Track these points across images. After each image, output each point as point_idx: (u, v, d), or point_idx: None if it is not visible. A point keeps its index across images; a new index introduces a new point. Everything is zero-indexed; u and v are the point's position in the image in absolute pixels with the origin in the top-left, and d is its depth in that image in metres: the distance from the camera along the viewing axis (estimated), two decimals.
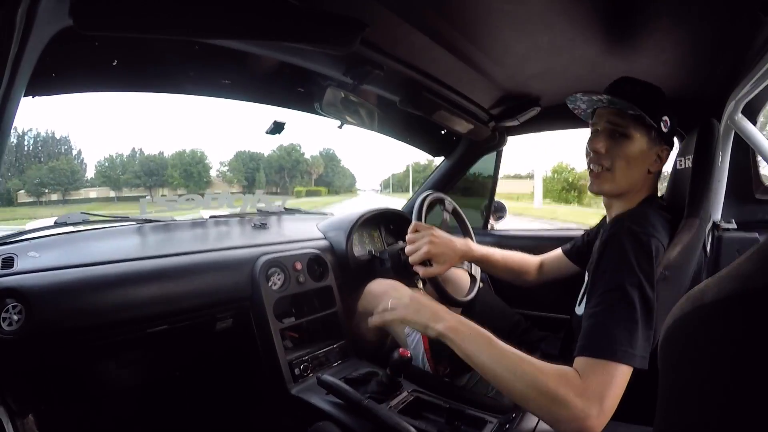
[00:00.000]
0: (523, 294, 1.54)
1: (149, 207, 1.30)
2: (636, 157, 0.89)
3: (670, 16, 0.85)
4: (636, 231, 0.77)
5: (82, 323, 0.90)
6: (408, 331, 1.13)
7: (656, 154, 0.91)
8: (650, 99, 0.88)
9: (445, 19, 0.89)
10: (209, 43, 0.89)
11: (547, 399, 0.66)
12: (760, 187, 1.28)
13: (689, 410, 0.32)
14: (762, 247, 0.27)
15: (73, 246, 1.04)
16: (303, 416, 1.01)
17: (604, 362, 0.67)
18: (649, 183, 0.93)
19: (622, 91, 0.89)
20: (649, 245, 0.76)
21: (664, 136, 0.90)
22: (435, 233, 1.11)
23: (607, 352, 0.67)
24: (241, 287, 1.14)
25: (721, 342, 0.29)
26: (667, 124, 0.89)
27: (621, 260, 0.75)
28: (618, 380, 0.66)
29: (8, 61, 0.56)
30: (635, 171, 0.90)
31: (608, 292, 0.73)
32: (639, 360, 0.68)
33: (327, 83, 1.14)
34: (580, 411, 0.64)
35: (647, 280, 0.73)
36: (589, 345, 0.70)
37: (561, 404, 0.65)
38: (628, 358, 0.67)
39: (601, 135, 0.91)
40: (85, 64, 0.96)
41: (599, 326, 0.71)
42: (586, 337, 0.71)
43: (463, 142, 1.72)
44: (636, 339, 0.69)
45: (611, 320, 0.70)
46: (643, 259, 0.74)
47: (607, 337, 0.69)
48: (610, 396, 0.65)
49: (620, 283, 0.72)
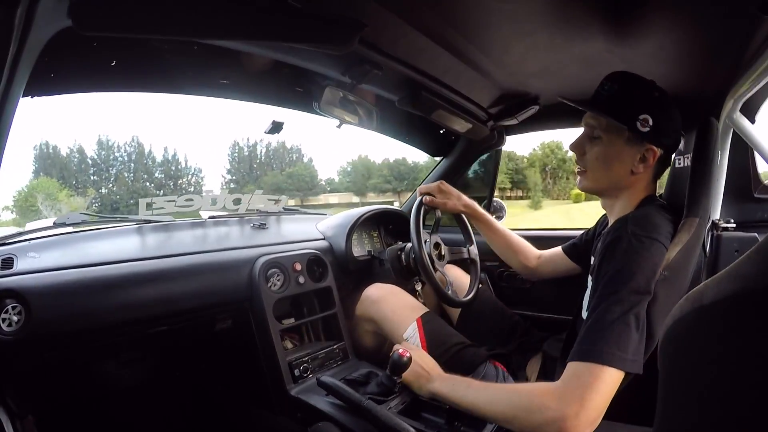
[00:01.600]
0: (523, 295, 1.54)
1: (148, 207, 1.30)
2: (610, 158, 0.90)
3: (668, 14, 0.84)
4: (639, 235, 0.77)
5: (82, 324, 0.90)
6: (406, 336, 1.13)
7: (640, 154, 0.88)
8: (624, 99, 0.87)
9: (444, 19, 0.89)
10: (207, 43, 0.89)
11: (525, 411, 0.70)
12: (759, 185, 1.28)
13: (689, 410, 0.32)
14: (760, 249, 0.27)
15: (73, 247, 1.04)
16: (303, 417, 1.01)
17: (590, 365, 0.68)
18: (644, 183, 0.92)
19: (601, 91, 0.90)
20: (651, 249, 0.76)
21: (646, 135, 0.86)
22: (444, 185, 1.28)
23: (593, 355, 0.68)
24: (241, 288, 1.14)
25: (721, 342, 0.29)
26: (647, 123, 0.85)
27: (622, 264, 0.75)
28: (604, 382, 0.67)
29: (7, 62, 0.56)
30: (612, 172, 0.91)
31: (607, 296, 0.73)
32: (630, 364, 0.68)
33: (326, 83, 1.14)
34: (555, 412, 0.67)
35: (647, 284, 0.73)
36: (579, 350, 0.71)
37: (536, 411, 0.69)
38: (616, 361, 0.68)
39: (579, 137, 0.94)
40: (83, 65, 0.95)
41: (592, 331, 0.72)
42: (578, 343, 0.72)
43: (461, 141, 1.72)
44: (629, 344, 0.69)
45: (601, 324, 0.71)
46: (646, 264, 0.75)
47: (597, 341, 0.70)
48: (594, 397, 0.66)
49: (619, 288, 0.73)
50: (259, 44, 0.90)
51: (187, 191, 29.64)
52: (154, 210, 1.26)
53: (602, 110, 0.88)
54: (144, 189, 40.78)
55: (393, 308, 1.19)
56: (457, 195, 1.29)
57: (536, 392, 0.71)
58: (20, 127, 0.81)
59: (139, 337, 1.02)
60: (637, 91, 0.88)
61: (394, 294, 1.23)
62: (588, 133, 0.93)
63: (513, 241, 1.33)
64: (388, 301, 1.21)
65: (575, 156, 0.96)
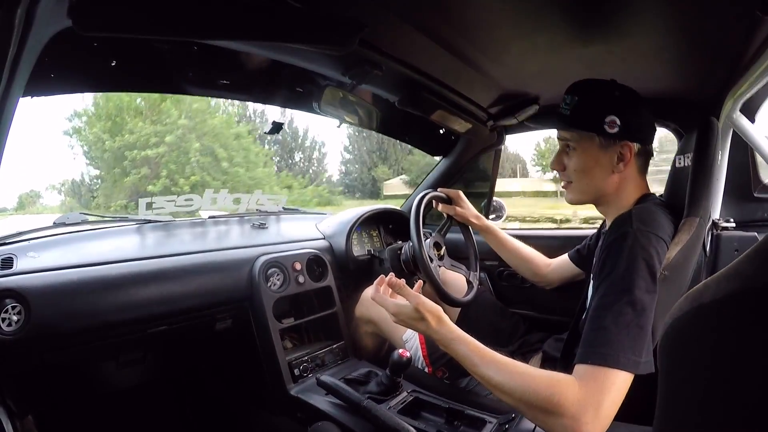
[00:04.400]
0: (522, 295, 1.54)
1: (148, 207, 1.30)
2: (589, 165, 0.90)
3: (668, 14, 0.84)
4: (644, 231, 0.76)
5: (82, 324, 0.90)
6: (406, 337, 1.13)
7: (616, 154, 0.88)
8: (587, 107, 0.87)
9: (444, 19, 0.89)
10: (208, 44, 0.89)
11: (541, 407, 0.67)
12: (759, 185, 1.28)
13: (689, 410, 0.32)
14: (760, 247, 0.28)
15: (73, 246, 1.04)
16: (302, 416, 1.01)
17: (606, 369, 0.66)
18: (633, 182, 0.91)
19: (563, 106, 0.90)
20: (656, 245, 0.75)
21: (617, 135, 0.86)
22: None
23: (609, 361, 0.66)
24: (241, 288, 1.14)
25: (721, 342, 0.29)
26: (615, 123, 0.86)
27: (627, 263, 0.73)
28: (618, 387, 0.66)
29: (7, 62, 0.56)
30: (595, 178, 0.91)
31: (613, 295, 0.72)
32: (643, 366, 0.67)
33: (326, 83, 1.14)
34: (571, 417, 0.64)
35: (652, 282, 0.72)
36: (591, 353, 0.68)
37: (553, 411, 0.66)
38: (631, 366, 0.66)
39: (556, 154, 0.96)
40: (83, 65, 0.95)
41: (602, 332, 0.69)
42: (588, 344, 0.70)
43: (461, 141, 1.72)
44: (641, 346, 0.68)
45: (615, 326, 0.69)
46: (653, 261, 0.73)
47: (609, 344, 0.67)
48: (608, 403, 0.65)
49: (626, 287, 0.71)
50: (259, 44, 0.90)
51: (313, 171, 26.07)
52: (154, 209, 1.26)
53: (568, 124, 0.90)
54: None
55: None
56: (471, 208, 1.32)
57: (556, 388, 0.67)
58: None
59: (139, 336, 1.02)
60: (598, 96, 0.88)
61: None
62: (563, 148, 0.94)
63: (523, 253, 1.33)
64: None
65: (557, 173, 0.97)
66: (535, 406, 0.68)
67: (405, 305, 0.85)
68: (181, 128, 13.98)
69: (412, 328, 0.86)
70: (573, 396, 0.66)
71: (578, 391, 0.66)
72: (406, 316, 0.84)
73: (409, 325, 0.86)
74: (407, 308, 0.84)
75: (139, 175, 14.01)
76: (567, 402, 0.65)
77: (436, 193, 1.31)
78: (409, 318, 0.84)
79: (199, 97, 14.02)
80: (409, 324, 0.85)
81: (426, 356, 1.12)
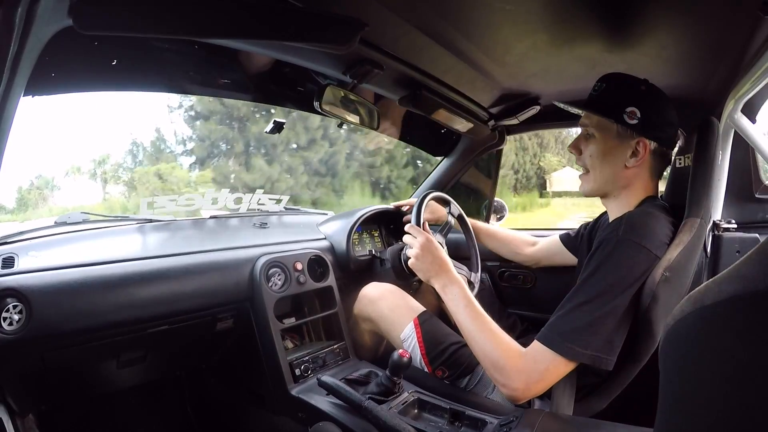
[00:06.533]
0: (523, 295, 1.54)
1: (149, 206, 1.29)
2: (605, 154, 0.92)
3: (669, 14, 0.84)
4: (629, 240, 0.80)
5: (83, 323, 0.90)
6: (404, 336, 1.13)
7: (631, 148, 0.90)
8: (612, 95, 0.90)
9: (445, 18, 0.89)
10: (209, 43, 0.89)
11: (492, 364, 0.84)
12: (760, 186, 1.28)
13: (690, 411, 0.32)
14: (762, 249, 0.27)
15: (74, 246, 1.04)
16: (303, 417, 1.01)
17: (551, 352, 0.78)
18: (643, 182, 0.93)
19: (592, 92, 0.94)
20: (638, 257, 0.79)
21: (635, 128, 0.88)
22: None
23: (555, 345, 0.77)
24: (242, 287, 1.14)
25: (722, 343, 0.29)
26: (635, 115, 0.87)
27: (605, 267, 0.79)
28: (554, 370, 0.78)
29: (7, 61, 0.56)
30: (608, 168, 0.93)
31: (583, 291, 0.79)
32: (589, 357, 0.75)
33: (326, 82, 1.13)
34: (507, 379, 0.81)
35: (628, 287, 0.77)
36: (546, 333, 0.80)
37: (499, 371, 0.82)
38: (572, 355, 0.76)
39: (576, 138, 0.98)
40: (84, 64, 0.95)
41: (562, 319, 0.79)
42: (549, 326, 0.81)
43: (462, 141, 1.72)
44: (593, 342, 0.75)
45: (574, 318, 0.78)
46: (627, 270, 0.78)
47: (563, 331, 0.78)
48: (541, 380, 0.79)
49: (597, 289, 0.78)
50: (259, 44, 0.90)
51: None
52: (156, 209, 1.26)
53: (592, 108, 0.92)
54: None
55: (390, 307, 1.19)
56: (438, 210, 1.41)
57: (506, 353, 0.83)
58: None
59: (139, 336, 1.02)
60: (625, 87, 0.91)
61: (392, 293, 1.23)
62: (583, 133, 0.96)
63: (500, 235, 1.44)
64: (386, 300, 1.21)
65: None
66: (487, 361, 0.85)
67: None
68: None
69: (426, 266, 1.02)
70: (515, 364, 0.81)
71: (520, 362, 0.81)
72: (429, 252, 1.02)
73: (425, 262, 1.02)
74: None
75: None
76: (508, 366, 0.81)
77: (437, 194, 1.31)
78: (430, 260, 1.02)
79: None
80: (426, 262, 1.02)
81: (424, 355, 1.12)
